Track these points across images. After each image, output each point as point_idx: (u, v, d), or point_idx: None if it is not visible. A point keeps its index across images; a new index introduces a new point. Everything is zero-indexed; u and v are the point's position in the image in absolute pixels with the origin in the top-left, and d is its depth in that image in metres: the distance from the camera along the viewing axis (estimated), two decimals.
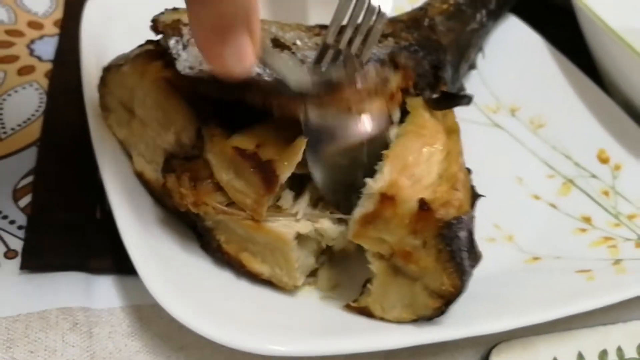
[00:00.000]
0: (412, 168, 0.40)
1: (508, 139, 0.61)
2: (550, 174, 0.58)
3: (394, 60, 0.47)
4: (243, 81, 0.36)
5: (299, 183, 0.43)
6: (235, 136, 0.42)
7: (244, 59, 0.34)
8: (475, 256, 0.41)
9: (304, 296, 0.44)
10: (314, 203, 0.44)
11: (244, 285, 0.44)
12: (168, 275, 0.41)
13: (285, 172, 0.40)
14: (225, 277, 0.44)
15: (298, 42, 0.47)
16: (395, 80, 0.46)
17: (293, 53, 0.46)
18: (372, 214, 0.40)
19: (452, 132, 0.44)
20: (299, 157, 0.41)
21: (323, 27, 0.50)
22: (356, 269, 0.46)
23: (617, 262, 0.50)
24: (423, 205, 0.38)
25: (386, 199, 0.39)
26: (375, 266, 0.42)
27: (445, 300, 0.40)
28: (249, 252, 0.43)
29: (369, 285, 0.42)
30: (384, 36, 0.50)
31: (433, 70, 0.51)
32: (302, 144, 0.40)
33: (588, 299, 0.45)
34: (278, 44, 0.46)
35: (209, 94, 0.42)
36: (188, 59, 0.43)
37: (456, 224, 0.39)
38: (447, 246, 0.38)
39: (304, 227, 0.42)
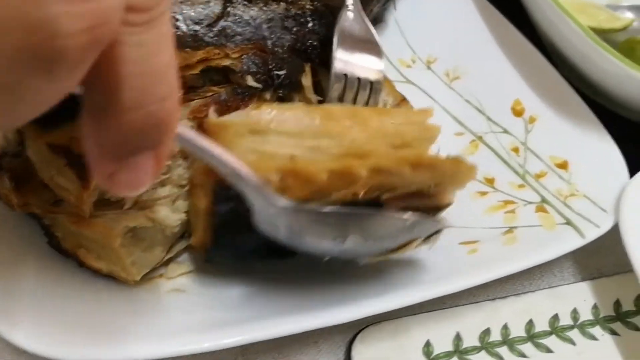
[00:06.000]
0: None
1: (420, 96, 0.56)
2: (459, 132, 0.53)
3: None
4: None
5: None
6: (51, 131, 0.39)
7: (138, 186, 0.27)
8: None
9: (148, 291, 0.42)
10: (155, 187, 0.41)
11: (84, 284, 0.42)
12: None
13: None
14: (66, 277, 0.42)
15: None
16: None
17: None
18: None
19: None
20: None
21: None
22: None
23: (510, 230, 0.45)
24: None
25: None
26: None
27: None
28: (84, 248, 0.41)
29: None
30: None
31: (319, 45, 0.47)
32: None
33: (464, 277, 0.42)
34: None
35: None
36: None
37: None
38: None
39: (133, 219, 0.40)
